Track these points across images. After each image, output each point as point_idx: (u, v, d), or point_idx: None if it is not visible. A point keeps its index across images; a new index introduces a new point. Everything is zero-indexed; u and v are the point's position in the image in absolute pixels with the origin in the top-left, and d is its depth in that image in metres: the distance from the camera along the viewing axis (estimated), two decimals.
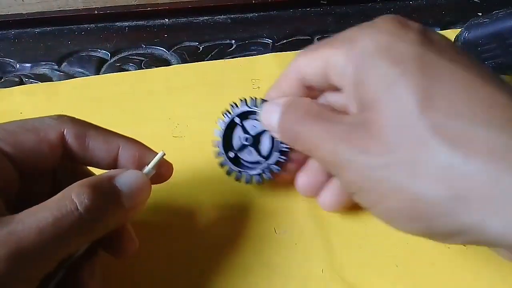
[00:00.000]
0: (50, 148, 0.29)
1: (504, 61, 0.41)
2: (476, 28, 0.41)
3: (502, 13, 0.40)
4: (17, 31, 0.54)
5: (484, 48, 0.41)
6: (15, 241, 0.24)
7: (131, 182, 0.29)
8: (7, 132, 0.29)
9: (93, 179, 0.28)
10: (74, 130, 0.30)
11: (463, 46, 0.43)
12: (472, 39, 0.42)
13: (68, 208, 0.25)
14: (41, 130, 0.29)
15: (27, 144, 0.29)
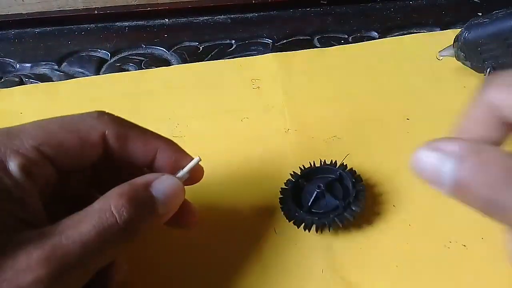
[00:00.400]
0: (91, 150, 0.29)
1: (505, 61, 0.41)
2: (476, 28, 0.41)
3: (502, 13, 0.40)
4: (17, 31, 0.54)
5: (484, 48, 0.41)
6: (59, 256, 0.24)
7: (166, 189, 0.29)
8: (48, 134, 0.28)
9: (131, 188, 0.28)
10: (116, 131, 0.30)
11: (463, 46, 0.43)
12: (472, 39, 0.42)
13: (109, 221, 0.25)
14: (83, 132, 0.29)
15: (69, 146, 0.28)
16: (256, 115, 0.45)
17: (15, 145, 0.27)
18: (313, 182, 0.38)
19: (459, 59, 0.44)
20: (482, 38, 0.41)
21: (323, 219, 0.35)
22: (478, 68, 0.43)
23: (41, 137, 0.28)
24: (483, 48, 0.41)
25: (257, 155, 0.41)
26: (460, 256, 0.36)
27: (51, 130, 0.28)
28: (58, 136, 0.28)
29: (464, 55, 0.43)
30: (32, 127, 0.28)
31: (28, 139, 0.27)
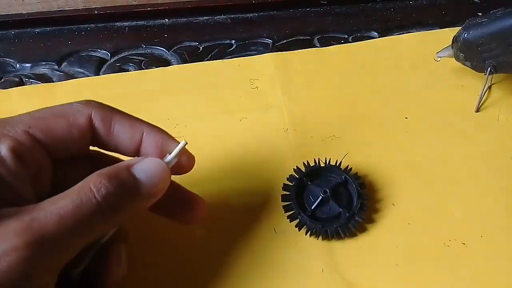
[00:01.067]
0: (80, 132, 0.30)
1: (505, 60, 0.41)
2: (475, 28, 0.41)
3: (500, 13, 0.40)
4: (17, 31, 0.54)
5: (484, 48, 0.41)
6: (36, 228, 0.24)
7: (150, 170, 0.29)
8: (37, 119, 0.29)
9: (112, 168, 0.28)
10: (101, 114, 0.30)
11: (462, 46, 0.43)
12: (471, 39, 0.41)
13: (87, 196, 0.26)
14: (70, 115, 0.30)
15: (58, 129, 0.29)
16: (255, 115, 0.45)
17: (6, 129, 0.28)
18: (317, 182, 0.38)
19: (459, 59, 0.44)
20: (482, 38, 0.41)
21: (326, 227, 0.36)
22: (478, 68, 0.43)
23: (30, 122, 0.28)
24: (483, 48, 0.41)
25: (256, 155, 0.41)
26: (459, 254, 0.36)
27: (40, 115, 0.29)
28: (47, 120, 0.29)
29: (463, 55, 0.43)
30: (22, 115, 0.29)
31: (18, 124, 0.28)
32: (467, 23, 0.42)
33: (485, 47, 0.41)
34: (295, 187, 0.37)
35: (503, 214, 0.37)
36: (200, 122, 0.44)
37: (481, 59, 0.42)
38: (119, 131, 0.31)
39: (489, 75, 0.42)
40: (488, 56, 0.41)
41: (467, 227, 0.37)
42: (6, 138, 0.27)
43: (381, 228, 0.37)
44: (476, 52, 0.42)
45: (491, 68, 0.42)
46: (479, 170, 0.40)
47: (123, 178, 0.28)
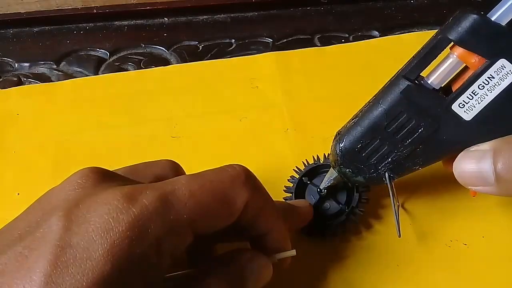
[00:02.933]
0: (232, 218, 0.28)
1: (399, 156, 0.32)
2: (347, 134, 0.33)
3: (367, 104, 0.34)
4: (15, 30, 0.54)
5: (368, 151, 0.33)
6: None
7: (259, 272, 0.29)
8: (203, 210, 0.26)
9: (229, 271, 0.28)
10: (256, 202, 0.28)
11: (343, 160, 0.34)
12: (349, 147, 0.33)
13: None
14: (230, 201, 0.27)
15: (216, 218, 0.27)
16: (255, 115, 0.44)
17: (172, 220, 0.25)
18: (316, 180, 0.37)
19: (348, 178, 0.35)
20: (361, 139, 0.33)
21: (327, 226, 0.35)
22: (374, 179, 0.34)
23: (196, 213, 0.26)
24: (367, 153, 0.33)
25: (256, 155, 0.41)
26: (461, 255, 0.36)
27: (204, 201, 0.26)
28: (211, 209, 0.26)
29: (350, 170, 0.34)
30: (185, 196, 0.26)
31: (183, 214, 0.25)
32: (337, 134, 0.35)
33: (369, 150, 0.33)
34: (296, 188, 0.37)
35: (505, 214, 0.37)
36: (200, 122, 0.44)
37: (373, 167, 0.33)
38: (259, 221, 0.29)
39: (391, 183, 0.34)
40: (378, 159, 0.33)
41: (468, 228, 0.37)
42: (172, 235, 0.25)
43: (382, 229, 0.37)
44: (362, 160, 0.33)
45: (388, 173, 0.33)
46: None
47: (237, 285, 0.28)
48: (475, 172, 0.28)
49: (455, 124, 0.30)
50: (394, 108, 0.31)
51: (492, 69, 0.28)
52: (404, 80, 0.31)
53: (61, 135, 0.44)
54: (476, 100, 0.29)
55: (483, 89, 0.29)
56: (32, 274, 0.21)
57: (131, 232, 0.23)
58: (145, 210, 0.24)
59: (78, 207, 0.24)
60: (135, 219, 0.23)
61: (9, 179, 0.41)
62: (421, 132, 0.31)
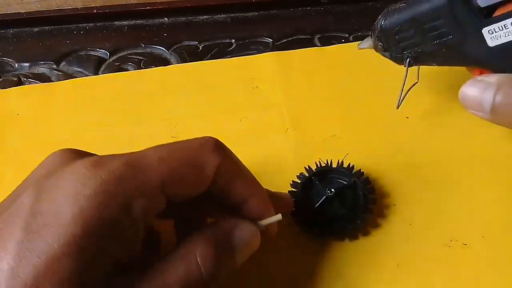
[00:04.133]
0: (204, 184, 0.28)
1: (424, 49, 0.37)
2: (392, 14, 0.38)
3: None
4: (15, 30, 0.54)
5: (402, 35, 0.37)
6: None
7: (247, 237, 0.29)
8: (172, 171, 0.27)
9: (214, 235, 0.28)
10: (227, 168, 0.29)
11: (380, 35, 0.39)
12: (388, 26, 0.38)
13: (195, 274, 0.26)
14: (200, 166, 0.28)
15: (187, 181, 0.27)
16: (255, 115, 0.44)
17: (141, 182, 0.25)
18: (325, 182, 0.37)
19: (378, 49, 0.41)
20: (399, 24, 0.37)
21: (326, 227, 0.35)
22: (397, 59, 0.40)
23: (166, 175, 0.26)
24: (400, 36, 0.38)
25: (256, 155, 0.41)
26: (461, 255, 0.36)
27: (174, 166, 0.27)
28: (180, 172, 0.27)
29: (382, 45, 0.40)
30: (155, 161, 0.26)
31: (152, 176, 0.26)
32: (386, 10, 0.39)
33: (403, 35, 0.37)
34: (303, 185, 0.37)
35: (505, 214, 0.37)
36: (200, 122, 0.44)
37: (400, 49, 0.38)
38: (235, 187, 0.30)
39: (408, 67, 0.39)
40: (407, 45, 0.38)
41: (468, 228, 0.37)
42: (141, 197, 0.25)
43: (382, 228, 0.37)
44: (394, 41, 0.38)
45: (410, 59, 0.38)
46: (480, 170, 0.40)
47: (225, 249, 0.28)
48: (476, 99, 0.32)
49: (479, 45, 0.34)
50: (436, 12, 0.35)
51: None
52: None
53: (61, 135, 0.44)
54: (504, 33, 0.33)
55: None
56: (7, 243, 0.22)
57: (99, 196, 0.24)
58: (112, 174, 0.24)
59: (48, 179, 0.25)
60: (102, 183, 0.24)
61: (9, 179, 0.41)
62: (449, 39, 0.35)
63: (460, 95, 0.34)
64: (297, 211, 0.36)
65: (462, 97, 0.34)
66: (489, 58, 0.35)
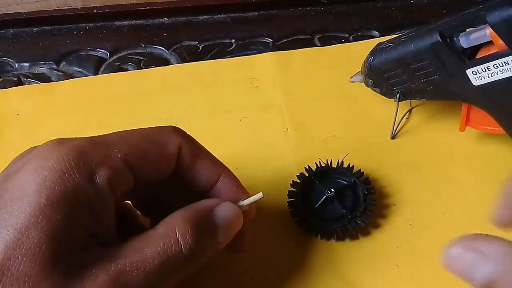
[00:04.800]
0: (168, 162, 0.29)
1: (412, 86, 0.39)
2: (380, 53, 0.39)
3: (404, 38, 0.38)
4: (15, 30, 0.54)
5: (391, 74, 0.39)
6: (123, 284, 0.24)
7: (228, 217, 0.29)
8: (133, 146, 0.28)
9: (195, 213, 0.28)
10: (189, 146, 0.30)
11: (370, 72, 0.41)
12: (377, 65, 0.40)
13: (174, 249, 0.25)
14: (162, 143, 0.29)
15: (150, 157, 0.28)
16: (255, 115, 0.44)
17: (103, 154, 0.26)
18: (325, 182, 0.37)
19: (368, 85, 0.43)
20: (387, 64, 0.39)
21: (326, 227, 0.35)
22: (387, 94, 0.41)
23: (127, 148, 0.27)
24: (389, 74, 0.39)
25: (256, 155, 0.41)
26: None
27: (135, 141, 0.28)
28: (142, 147, 0.28)
29: (372, 81, 0.41)
30: (116, 138, 0.28)
31: (113, 148, 0.27)
32: (374, 48, 0.41)
33: (391, 73, 0.39)
34: (303, 184, 0.37)
35: None
36: (200, 122, 0.44)
37: (390, 86, 0.40)
38: (201, 167, 0.30)
39: (399, 102, 0.40)
40: (395, 82, 0.40)
41: (468, 228, 0.36)
42: (104, 166, 0.26)
43: (382, 229, 0.37)
44: (383, 78, 0.40)
45: (400, 95, 0.40)
46: (480, 170, 0.40)
47: (206, 227, 0.28)
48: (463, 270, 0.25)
49: (465, 84, 0.35)
50: (421, 54, 0.36)
51: (510, 57, 0.32)
52: (437, 35, 0.35)
53: (61, 135, 0.43)
54: (487, 74, 0.34)
55: (496, 69, 0.33)
56: None
57: (61, 165, 0.24)
58: (75, 148, 0.25)
59: (15, 163, 0.26)
60: (64, 156, 0.25)
61: None
62: (435, 78, 0.37)
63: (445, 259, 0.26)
64: (297, 211, 0.36)
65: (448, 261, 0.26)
66: (475, 96, 0.36)
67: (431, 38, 0.35)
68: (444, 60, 0.35)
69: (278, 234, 0.37)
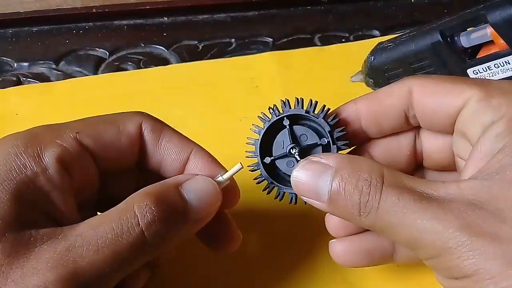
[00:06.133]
0: (129, 141, 0.28)
1: None
2: (381, 53, 0.40)
3: (405, 37, 0.38)
4: (14, 30, 0.54)
5: (391, 73, 0.40)
6: (70, 260, 0.22)
7: (200, 190, 0.27)
8: (86, 124, 0.28)
9: (159, 186, 0.26)
10: (151, 124, 0.29)
11: (370, 72, 0.41)
12: (377, 64, 0.40)
13: (129, 223, 0.24)
14: (120, 122, 0.28)
15: (107, 136, 0.27)
16: (255, 115, 0.44)
17: (54, 135, 0.26)
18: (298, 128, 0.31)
19: (368, 85, 0.43)
20: (388, 63, 0.39)
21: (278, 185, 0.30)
22: None
23: (79, 127, 0.27)
24: (390, 74, 0.40)
25: None
26: None
27: (89, 122, 0.28)
28: (96, 126, 0.28)
29: (372, 81, 0.42)
30: (69, 122, 0.28)
31: (65, 129, 0.27)
32: (375, 48, 0.41)
33: (392, 73, 0.40)
34: (272, 123, 0.31)
35: None
36: (200, 122, 0.44)
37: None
38: (168, 144, 0.29)
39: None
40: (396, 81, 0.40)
41: None
42: (53, 145, 0.25)
43: None
44: (384, 78, 0.40)
45: None
46: None
47: (172, 200, 0.25)
48: (311, 185, 0.25)
49: None
50: (421, 53, 0.36)
51: (511, 57, 0.33)
52: (438, 34, 0.35)
53: None
54: (488, 74, 0.34)
55: (497, 68, 0.33)
56: None
57: (9, 149, 0.25)
58: (27, 133, 0.27)
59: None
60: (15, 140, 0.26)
61: None
62: None
63: (292, 180, 0.26)
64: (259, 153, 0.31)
65: (294, 183, 0.26)
66: None
67: (432, 37, 0.35)
68: (445, 60, 0.35)
69: (277, 234, 0.36)
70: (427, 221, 0.22)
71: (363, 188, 0.23)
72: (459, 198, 0.22)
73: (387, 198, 0.23)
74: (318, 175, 0.25)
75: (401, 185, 0.23)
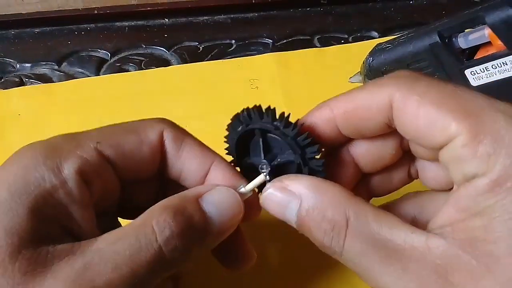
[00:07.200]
0: (150, 150, 0.26)
1: None
2: (379, 54, 0.40)
3: (403, 38, 0.38)
4: (17, 31, 0.54)
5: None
6: (88, 279, 0.21)
7: (221, 202, 0.26)
8: (106, 134, 0.26)
9: (178, 199, 0.25)
10: (173, 133, 0.27)
11: (369, 73, 0.41)
12: (376, 65, 0.40)
13: (147, 239, 0.23)
14: (141, 131, 0.27)
15: (128, 145, 0.26)
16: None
17: (73, 145, 0.25)
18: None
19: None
20: (386, 65, 0.39)
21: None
22: None
23: (99, 137, 0.26)
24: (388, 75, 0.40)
25: None
26: None
27: (110, 130, 0.26)
28: (117, 135, 0.26)
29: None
30: (89, 130, 0.26)
31: (85, 139, 0.25)
32: (373, 49, 0.41)
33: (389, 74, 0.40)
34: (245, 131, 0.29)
35: None
36: (200, 122, 0.44)
37: None
38: (189, 155, 0.27)
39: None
40: None
41: None
42: (73, 156, 0.24)
43: None
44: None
45: None
46: None
47: (191, 214, 0.24)
48: (279, 213, 0.25)
49: (463, 84, 0.35)
50: (420, 54, 0.37)
51: (508, 58, 0.33)
52: (436, 36, 0.35)
53: None
54: (485, 74, 0.34)
55: (495, 69, 0.34)
56: None
57: (28, 160, 0.24)
58: (45, 144, 0.25)
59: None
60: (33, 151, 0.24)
61: None
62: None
63: (261, 201, 0.26)
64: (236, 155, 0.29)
65: (264, 206, 0.26)
66: None
67: (430, 38, 0.36)
68: (443, 61, 0.36)
69: (278, 234, 0.37)
70: (391, 282, 0.22)
71: (326, 230, 0.23)
72: (426, 259, 0.21)
73: (350, 247, 0.23)
74: (285, 205, 0.24)
75: (365, 234, 0.22)
